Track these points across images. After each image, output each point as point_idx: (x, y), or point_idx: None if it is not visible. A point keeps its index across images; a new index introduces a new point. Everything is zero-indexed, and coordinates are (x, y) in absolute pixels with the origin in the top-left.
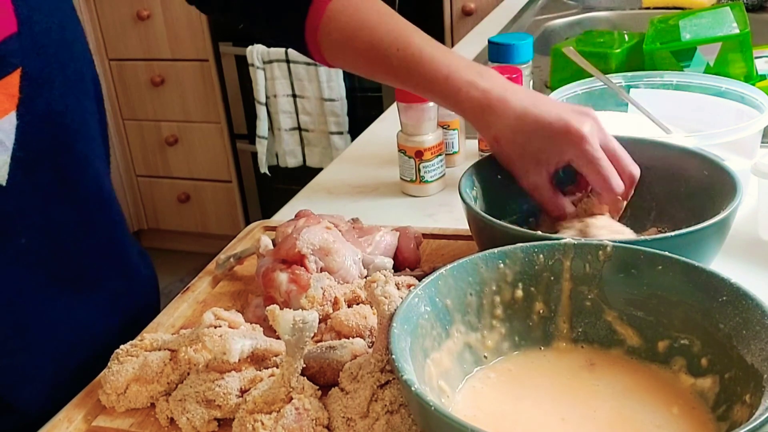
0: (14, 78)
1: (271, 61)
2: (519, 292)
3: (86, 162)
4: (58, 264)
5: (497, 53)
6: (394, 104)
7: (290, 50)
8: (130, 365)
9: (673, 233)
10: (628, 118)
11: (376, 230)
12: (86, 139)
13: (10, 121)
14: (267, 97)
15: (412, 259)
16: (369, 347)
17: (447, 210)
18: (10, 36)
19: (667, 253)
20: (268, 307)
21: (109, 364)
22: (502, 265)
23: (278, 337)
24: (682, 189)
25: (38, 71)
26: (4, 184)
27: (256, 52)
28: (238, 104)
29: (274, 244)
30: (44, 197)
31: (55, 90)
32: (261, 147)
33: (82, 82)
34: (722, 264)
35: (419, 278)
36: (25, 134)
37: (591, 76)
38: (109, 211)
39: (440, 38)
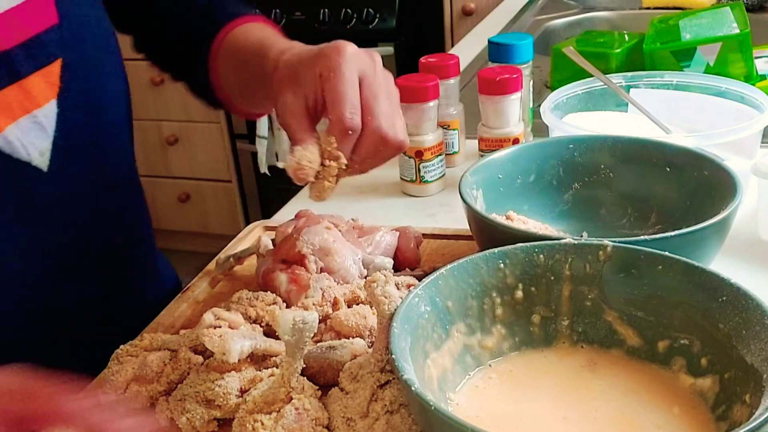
0: (55, 67)
1: None
2: (519, 293)
3: (121, 153)
4: (86, 252)
5: (497, 53)
6: None
7: None
8: (130, 365)
9: (673, 233)
10: (628, 118)
11: (376, 230)
12: (121, 132)
13: (52, 108)
14: None
15: (412, 259)
16: (369, 347)
17: (447, 210)
18: (51, 27)
19: (667, 253)
20: (267, 308)
21: (109, 364)
22: (502, 265)
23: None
24: (682, 189)
25: (77, 63)
26: (45, 169)
27: None
28: None
29: (274, 244)
30: (82, 185)
31: (92, 82)
32: (261, 147)
33: (116, 78)
34: (722, 264)
35: (419, 278)
36: (65, 123)
37: (591, 76)
38: (139, 203)
39: (440, 38)
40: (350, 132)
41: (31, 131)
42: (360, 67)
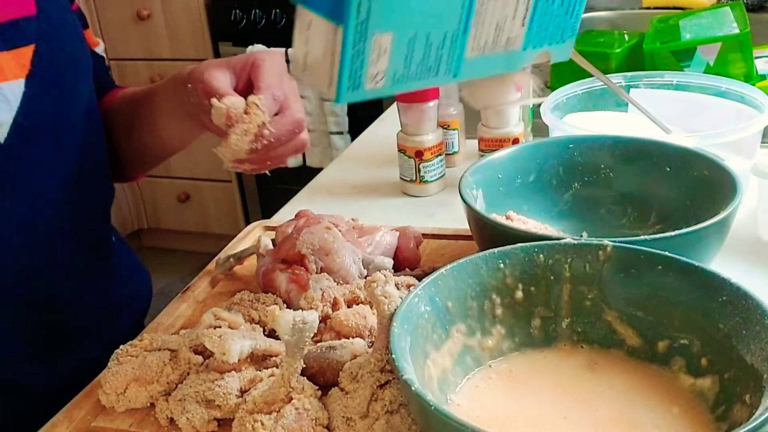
0: (28, 51)
1: None
2: (519, 293)
3: (85, 149)
4: (37, 232)
5: None
6: (394, 104)
7: (290, 50)
8: (130, 365)
9: (673, 233)
10: (628, 118)
11: (376, 230)
12: (85, 132)
13: (19, 86)
14: None
15: (412, 259)
16: (369, 347)
17: (447, 210)
18: (28, 16)
19: (667, 253)
20: (267, 308)
21: (108, 364)
22: (502, 265)
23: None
24: (682, 189)
25: (50, 53)
26: (2, 141)
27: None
28: None
29: (274, 244)
30: (37, 167)
31: (63, 75)
32: None
33: (87, 79)
34: (722, 264)
35: (419, 278)
36: (30, 103)
37: (591, 76)
38: (102, 195)
39: None
40: (276, 98)
41: None
42: (283, 68)
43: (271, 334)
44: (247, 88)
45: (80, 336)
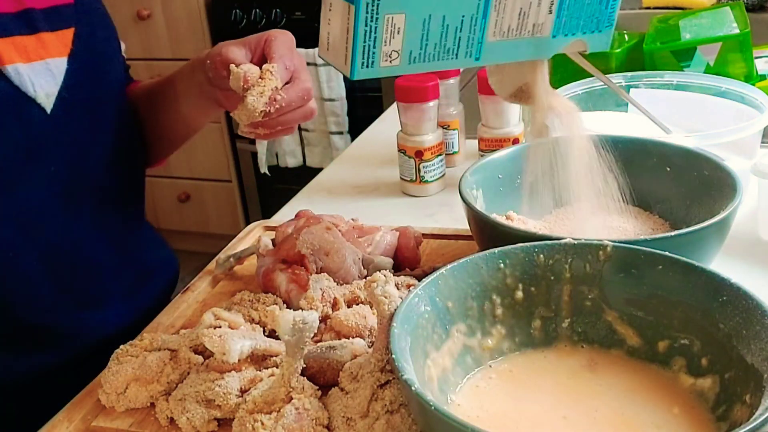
0: (69, 33)
1: None
2: (519, 293)
3: (116, 123)
4: (78, 195)
5: None
6: (394, 104)
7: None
8: (130, 365)
9: (673, 233)
10: (628, 118)
11: (376, 230)
12: (119, 103)
13: (63, 63)
14: None
15: (412, 259)
16: (369, 347)
17: (447, 210)
18: (67, 4)
19: (667, 253)
20: (267, 308)
21: (109, 364)
22: (502, 265)
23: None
24: (682, 189)
25: (87, 35)
26: (48, 111)
27: None
28: None
29: (274, 244)
30: (79, 138)
31: (97, 54)
32: (261, 147)
33: (117, 62)
34: (722, 264)
35: (419, 278)
36: (71, 79)
37: (591, 76)
38: (134, 168)
39: None
40: (287, 67)
41: (41, 74)
42: (294, 44)
43: (271, 334)
44: (261, 63)
45: (116, 293)
